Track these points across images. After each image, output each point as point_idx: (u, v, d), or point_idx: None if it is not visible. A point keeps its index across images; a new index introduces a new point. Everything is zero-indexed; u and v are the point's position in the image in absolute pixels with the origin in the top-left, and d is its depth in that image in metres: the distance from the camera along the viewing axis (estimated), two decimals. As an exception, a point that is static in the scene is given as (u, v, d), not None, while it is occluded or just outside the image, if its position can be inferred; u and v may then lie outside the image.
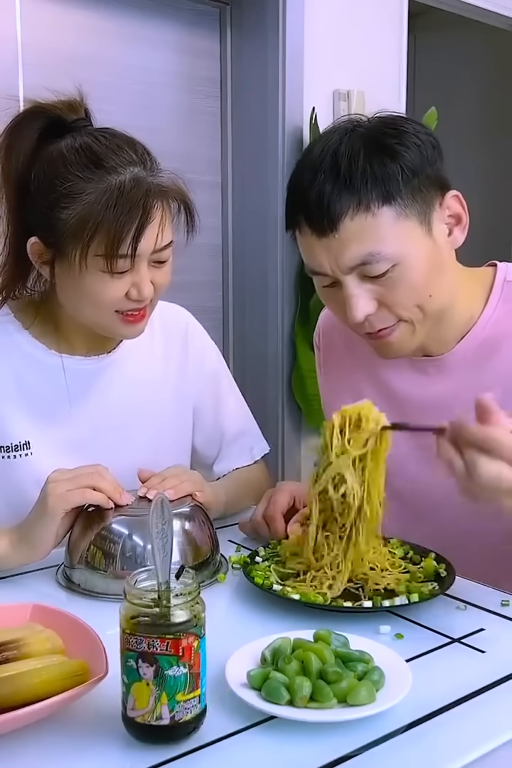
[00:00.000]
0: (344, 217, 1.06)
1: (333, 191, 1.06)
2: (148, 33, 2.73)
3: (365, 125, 1.11)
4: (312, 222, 1.09)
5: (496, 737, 0.73)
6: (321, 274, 1.12)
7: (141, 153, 1.18)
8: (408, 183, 1.07)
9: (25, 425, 1.25)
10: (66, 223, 1.12)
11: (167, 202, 1.18)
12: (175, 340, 1.42)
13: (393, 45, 3.14)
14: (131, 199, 1.12)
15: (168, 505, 0.77)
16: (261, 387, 2.96)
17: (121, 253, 1.12)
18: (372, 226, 1.06)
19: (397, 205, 1.06)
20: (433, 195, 1.11)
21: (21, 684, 0.75)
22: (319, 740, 0.73)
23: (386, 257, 1.07)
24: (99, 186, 1.12)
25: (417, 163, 1.08)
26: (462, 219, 1.14)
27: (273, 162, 2.88)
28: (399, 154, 1.07)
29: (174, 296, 1.41)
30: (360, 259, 1.07)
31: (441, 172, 1.12)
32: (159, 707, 0.71)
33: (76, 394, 1.29)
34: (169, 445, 1.38)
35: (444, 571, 1.06)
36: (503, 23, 3.58)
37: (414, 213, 1.08)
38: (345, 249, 1.07)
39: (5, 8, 2.41)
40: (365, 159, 1.06)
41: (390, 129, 1.09)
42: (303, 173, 1.11)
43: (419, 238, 1.09)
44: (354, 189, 1.05)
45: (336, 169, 1.06)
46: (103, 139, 1.16)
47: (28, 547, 1.09)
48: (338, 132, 1.10)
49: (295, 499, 1.24)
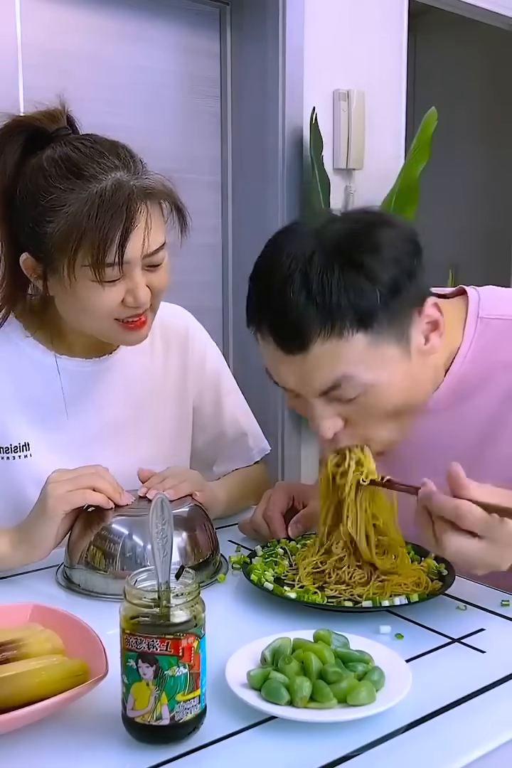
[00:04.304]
0: (315, 341, 0.97)
1: (303, 310, 0.96)
2: (148, 33, 2.73)
3: (338, 229, 1.00)
4: (277, 336, 1.00)
5: (496, 737, 0.73)
6: (286, 389, 1.05)
7: (123, 157, 1.15)
8: (386, 306, 0.97)
9: (24, 427, 1.25)
10: (52, 237, 1.11)
11: (155, 204, 1.16)
12: (175, 340, 1.42)
13: (393, 45, 3.14)
14: (113, 204, 1.10)
15: (168, 505, 0.77)
16: (261, 387, 2.94)
17: (108, 261, 1.10)
18: (344, 352, 0.98)
19: (373, 331, 0.97)
20: (412, 310, 1.02)
21: (21, 684, 0.75)
22: (319, 740, 0.73)
23: (357, 383, 0.99)
24: (80, 196, 1.10)
25: (397, 281, 0.98)
26: (439, 325, 1.05)
27: (273, 162, 2.88)
28: (377, 274, 0.96)
29: (174, 296, 1.41)
30: (329, 384, 1.00)
31: (421, 282, 1.02)
32: (159, 707, 0.71)
33: (75, 395, 1.29)
34: (169, 446, 1.38)
35: (445, 571, 1.06)
36: (503, 23, 3.58)
37: (390, 336, 0.99)
38: (313, 372, 0.99)
39: (5, 8, 2.41)
40: (339, 279, 0.95)
41: (366, 242, 0.98)
42: (270, 277, 1.00)
43: (394, 361, 1.01)
44: (327, 311, 0.96)
45: (307, 285, 0.96)
46: (83, 147, 1.14)
47: (28, 547, 1.09)
48: (307, 240, 0.99)
49: (294, 499, 1.24)
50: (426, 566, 1.07)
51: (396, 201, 2.90)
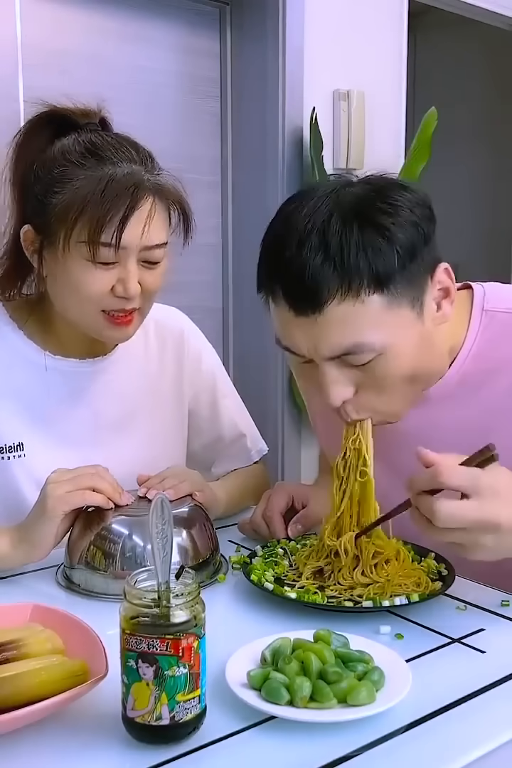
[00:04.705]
0: (330, 301, 0.96)
1: (320, 270, 0.95)
2: (148, 33, 2.73)
3: (355, 192, 0.99)
4: (291, 298, 0.99)
5: (496, 737, 0.74)
6: (297, 354, 1.04)
7: (142, 155, 1.18)
8: (403, 269, 0.97)
9: (18, 427, 1.25)
10: (55, 207, 1.13)
11: (162, 201, 1.17)
12: (171, 342, 1.41)
13: (393, 45, 3.14)
14: (120, 187, 1.12)
15: (168, 505, 0.77)
16: (261, 387, 2.95)
17: (104, 240, 1.11)
18: (360, 314, 0.97)
19: (389, 293, 0.97)
20: (426, 274, 1.02)
21: (21, 684, 0.75)
22: (319, 740, 0.73)
23: (371, 348, 0.98)
24: (92, 173, 1.13)
25: (414, 244, 0.98)
26: (450, 292, 1.05)
27: (273, 162, 2.88)
28: (395, 236, 0.96)
29: (174, 296, 1.41)
30: (342, 349, 0.98)
31: (435, 247, 1.02)
32: (159, 707, 0.71)
33: (69, 396, 1.29)
34: (164, 448, 1.38)
35: (445, 571, 1.06)
36: (503, 23, 3.58)
37: (406, 299, 0.99)
38: (327, 336, 0.98)
39: (5, 8, 2.41)
40: (358, 239, 0.95)
41: (384, 204, 0.98)
42: (285, 239, 0.98)
43: (409, 325, 1.00)
44: (345, 271, 0.95)
45: (325, 246, 0.95)
46: (106, 136, 1.18)
47: (28, 546, 1.09)
48: (326, 200, 0.98)
49: (294, 499, 1.24)
50: (426, 566, 1.07)
51: (396, 201, 2.89)
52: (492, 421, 1.11)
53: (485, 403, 1.12)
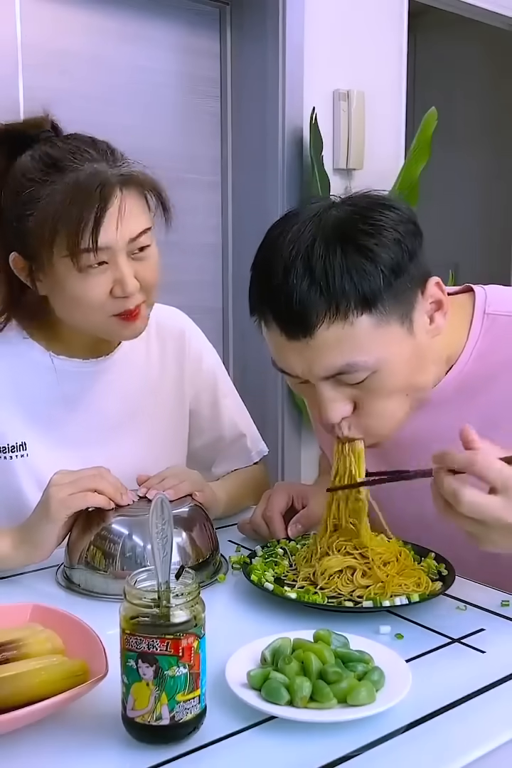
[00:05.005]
0: (320, 325, 0.97)
1: (307, 295, 0.96)
2: (148, 33, 2.73)
3: (337, 215, 1.00)
4: (282, 323, 1.00)
5: (496, 737, 0.73)
6: (292, 375, 1.05)
7: (102, 150, 1.16)
8: (389, 287, 0.97)
9: (21, 426, 1.25)
10: (31, 230, 1.12)
11: (132, 190, 1.15)
12: (171, 343, 1.41)
13: (393, 45, 3.14)
14: (86, 189, 1.10)
15: (168, 505, 0.77)
16: (261, 387, 2.95)
17: (83, 246, 1.10)
18: (350, 335, 0.97)
19: (378, 312, 0.97)
20: (415, 289, 1.02)
21: (21, 684, 0.75)
22: (319, 740, 0.73)
23: (364, 367, 0.99)
24: (56, 187, 1.11)
25: (399, 261, 0.98)
26: (443, 304, 1.05)
27: (273, 162, 2.88)
28: (379, 255, 0.96)
29: (174, 296, 1.41)
30: (336, 369, 0.99)
31: (423, 262, 1.03)
32: (159, 707, 0.71)
33: (73, 396, 1.29)
34: (165, 447, 1.38)
35: (445, 571, 1.06)
36: (503, 23, 3.58)
37: (395, 316, 0.99)
38: (319, 358, 0.99)
39: (5, 8, 2.41)
40: (342, 262, 0.96)
41: (366, 225, 0.98)
42: (272, 266, 1.00)
43: (400, 340, 1.01)
44: (331, 295, 0.96)
45: (310, 271, 0.96)
46: (62, 144, 1.16)
47: (29, 547, 1.09)
48: (309, 225, 0.99)
49: (294, 499, 1.24)
50: (426, 566, 1.07)
51: (396, 201, 2.89)
52: (492, 425, 1.11)
53: (485, 407, 1.12)
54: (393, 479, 1.03)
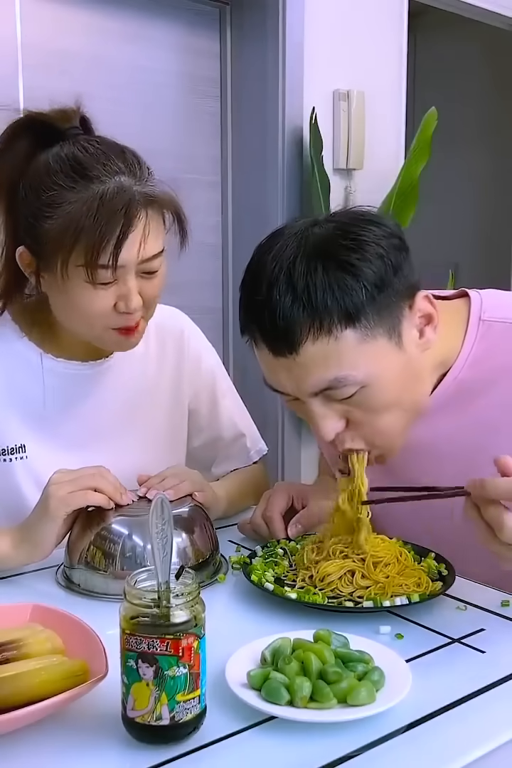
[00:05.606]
0: (304, 341, 0.97)
1: (290, 311, 0.97)
2: (148, 33, 2.73)
3: (320, 233, 1.00)
4: (268, 340, 1.01)
5: (496, 737, 0.74)
6: (283, 393, 1.05)
7: (130, 162, 1.15)
8: (372, 301, 0.97)
9: (20, 429, 1.25)
10: (48, 233, 1.11)
11: (155, 211, 1.15)
12: (171, 342, 1.41)
13: (393, 45, 3.14)
14: (113, 207, 1.09)
15: (168, 505, 0.77)
16: (261, 387, 2.94)
17: (102, 263, 1.10)
18: (335, 351, 0.97)
19: (362, 327, 0.97)
20: (402, 304, 1.01)
21: (21, 684, 0.75)
22: (319, 740, 0.73)
23: (353, 381, 0.99)
24: (81, 195, 1.10)
25: (382, 276, 0.98)
26: (433, 318, 1.05)
27: (273, 161, 2.88)
28: (361, 270, 0.96)
29: (174, 296, 1.41)
30: (324, 384, 0.99)
31: (409, 276, 1.02)
32: (159, 707, 0.71)
33: (71, 398, 1.29)
34: (164, 447, 1.38)
35: (445, 571, 1.06)
36: (503, 23, 3.58)
37: (381, 330, 0.99)
38: (306, 374, 0.99)
39: (5, 8, 2.41)
40: (323, 278, 0.96)
41: (348, 241, 0.98)
42: (256, 283, 1.01)
43: (388, 355, 1.00)
44: (314, 310, 0.96)
45: (292, 287, 0.97)
46: (91, 148, 1.14)
47: (29, 547, 1.09)
48: (292, 242, 0.99)
49: (294, 499, 1.24)
50: (426, 566, 1.07)
51: (396, 201, 2.89)
52: (492, 430, 1.11)
53: (481, 414, 1.11)
54: (424, 497, 1.03)
